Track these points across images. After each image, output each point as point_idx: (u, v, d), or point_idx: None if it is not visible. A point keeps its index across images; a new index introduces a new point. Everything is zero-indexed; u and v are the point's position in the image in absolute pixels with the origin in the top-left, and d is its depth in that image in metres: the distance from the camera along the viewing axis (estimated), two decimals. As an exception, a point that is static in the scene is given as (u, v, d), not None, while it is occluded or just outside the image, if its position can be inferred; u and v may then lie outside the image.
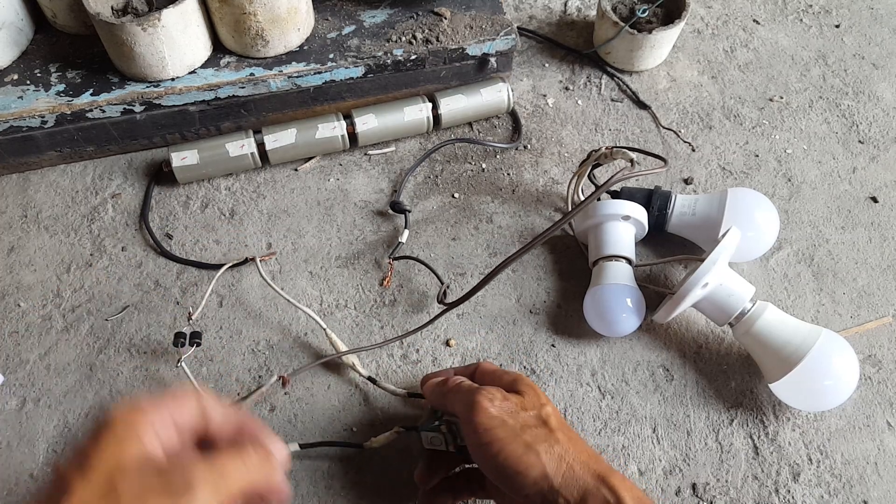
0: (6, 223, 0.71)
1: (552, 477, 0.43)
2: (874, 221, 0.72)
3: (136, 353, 0.63)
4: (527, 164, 0.76)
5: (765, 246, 0.66)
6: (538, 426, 0.46)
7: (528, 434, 0.45)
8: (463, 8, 0.77)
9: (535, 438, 0.45)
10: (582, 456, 0.45)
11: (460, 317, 0.66)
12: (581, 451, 0.45)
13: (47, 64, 0.72)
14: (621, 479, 0.44)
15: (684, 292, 0.57)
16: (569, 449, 0.45)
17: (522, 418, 0.46)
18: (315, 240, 0.70)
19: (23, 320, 0.65)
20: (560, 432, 0.46)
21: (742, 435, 0.59)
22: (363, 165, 0.76)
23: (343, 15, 0.77)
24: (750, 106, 0.82)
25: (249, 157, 0.72)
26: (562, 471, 0.44)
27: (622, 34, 0.79)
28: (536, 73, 0.84)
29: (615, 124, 0.80)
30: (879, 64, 0.86)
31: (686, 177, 0.75)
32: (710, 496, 0.57)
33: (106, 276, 0.68)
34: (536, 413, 0.47)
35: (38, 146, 0.71)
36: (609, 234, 0.64)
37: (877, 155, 0.77)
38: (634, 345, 0.64)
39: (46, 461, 0.58)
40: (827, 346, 0.56)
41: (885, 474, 0.58)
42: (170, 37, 0.66)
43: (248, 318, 0.65)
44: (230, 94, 0.71)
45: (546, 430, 0.46)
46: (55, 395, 0.61)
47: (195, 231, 0.71)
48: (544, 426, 0.46)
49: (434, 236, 0.71)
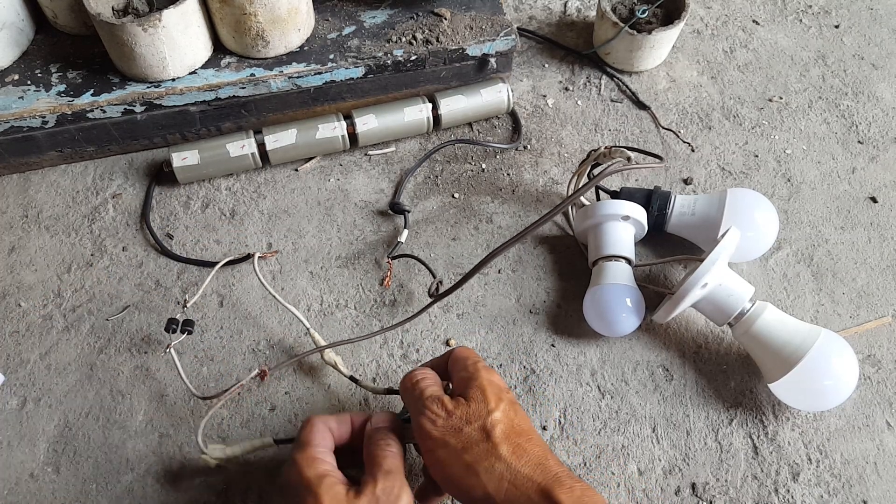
0: (7, 223, 0.71)
1: (494, 496, 0.43)
2: (873, 221, 0.72)
3: (137, 352, 0.63)
4: (527, 165, 0.76)
5: (764, 246, 0.66)
6: (481, 441, 0.45)
7: (470, 454, 0.45)
8: (463, 8, 0.77)
9: (476, 457, 0.44)
10: (526, 469, 0.44)
11: (460, 317, 0.66)
12: (527, 462, 0.44)
13: (48, 64, 0.72)
14: (569, 488, 0.43)
15: (684, 292, 0.57)
16: (511, 464, 0.44)
17: (466, 435, 0.45)
18: (315, 240, 0.71)
19: (23, 320, 0.65)
20: (504, 445, 0.45)
21: (741, 434, 0.59)
22: (363, 166, 0.76)
23: (343, 15, 0.77)
24: (749, 106, 0.82)
25: (250, 158, 0.72)
26: (503, 489, 0.43)
27: (622, 35, 0.79)
28: (536, 74, 0.85)
29: (615, 125, 0.80)
30: (879, 64, 0.86)
31: (685, 177, 0.75)
32: (709, 496, 0.57)
33: (107, 276, 0.68)
34: (481, 424, 0.46)
35: (38, 146, 0.71)
36: (609, 235, 0.64)
37: (876, 155, 0.77)
38: (634, 345, 0.64)
39: (47, 461, 0.58)
40: (826, 346, 0.56)
41: (885, 474, 0.58)
42: (170, 37, 0.66)
43: (248, 318, 0.65)
44: (231, 94, 0.71)
45: (488, 446, 0.45)
46: (56, 395, 0.61)
47: (196, 231, 0.71)
48: (487, 440, 0.45)
49: (434, 236, 0.71)
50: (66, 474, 0.57)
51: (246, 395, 0.61)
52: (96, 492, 0.56)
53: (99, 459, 0.58)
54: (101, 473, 0.57)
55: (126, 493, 0.56)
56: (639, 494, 0.57)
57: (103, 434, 0.59)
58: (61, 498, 0.56)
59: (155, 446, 0.58)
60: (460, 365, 0.51)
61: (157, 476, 0.57)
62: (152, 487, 0.57)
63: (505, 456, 0.44)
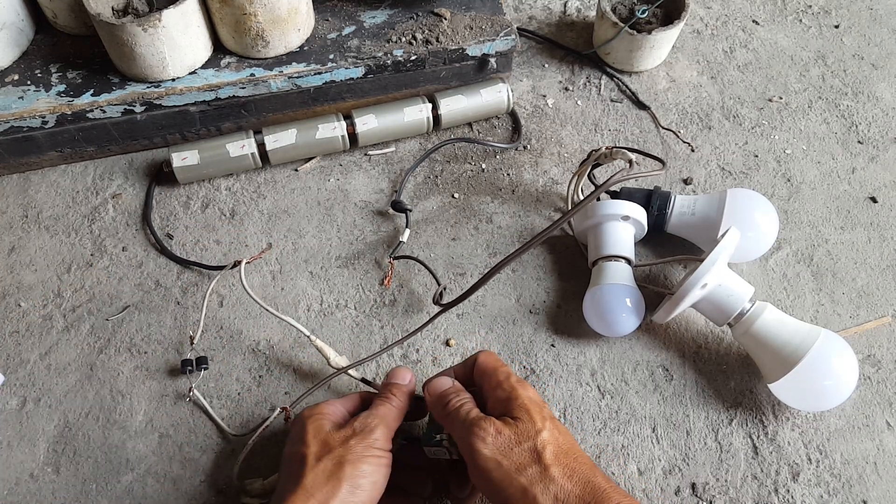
0: (7, 223, 0.71)
1: None
2: (873, 222, 0.72)
3: (137, 352, 0.63)
4: (526, 165, 0.76)
5: (764, 246, 0.66)
6: (533, 463, 0.46)
7: (524, 476, 0.45)
8: (463, 8, 0.77)
9: (531, 481, 0.45)
10: (577, 489, 0.45)
11: (460, 317, 0.66)
12: (577, 482, 0.45)
13: (48, 64, 0.72)
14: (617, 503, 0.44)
15: (683, 292, 0.57)
16: (564, 486, 0.45)
17: (517, 456, 0.46)
18: (315, 240, 0.71)
19: (23, 320, 0.65)
20: (555, 467, 0.46)
21: (741, 435, 0.59)
22: (363, 166, 0.76)
23: (343, 15, 0.77)
24: (749, 106, 0.82)
25: (250, 158, 0.72)
26: None
27: (622, 35, 0.79)
28: (536, 74, 0.85)
29: (615, 125, 0.80)
30: (879, 64, 0.86)
31: (685, 177, 0.75)
32: (709, 496, 0.57)
33: (106, 276, 0.68)
34: (531, 445, 0.46)
35: (38, 146, 0.71)
36: (608, 235, 0.64)
37: (876, 155, 0.77)
38: (634, 345, 0.64)
39: (47, 461, 0.58)
40: (826, 347, 0.56)
41: (885, 474, 0.58)
42: (170, 37, 0.66)
43: (248, 318, 0.65)
44: (230, 94, 0.71)
45: (540, 469, 0.45)
46: (56, 395, 0.61)
47: (196, 231, 0.71)
48: (538, 462, 0.46)
49: (434, 236, 0.71)
50: (66, 474, 0.57)
51: (246, 395, 0.61)
52: (96, 492, 0.56)
53: (99, 459, 0.58)
54: (101, 473, 0.57)
55: (126, 493, 0.56)
56: (639, 494, 0.57)
57: (103, 434, 0.59)
58: (61, 498, 0.56)
59: (155, 446, 0.58)
60: (493, 380, 0.51)
61: (157, 476, 0.57)
62: (152, 487, 0.57)
63: (557, 478, 0.45)
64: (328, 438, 0.48)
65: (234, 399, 0.61)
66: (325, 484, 0.45)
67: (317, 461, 0.47)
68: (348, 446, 0.47)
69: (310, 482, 0.46)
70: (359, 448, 0.47)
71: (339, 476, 0.46)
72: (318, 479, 0.46)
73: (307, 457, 0.47)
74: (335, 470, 0.46)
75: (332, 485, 0.45)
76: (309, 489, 0.45)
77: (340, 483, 0.46)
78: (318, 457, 0.47)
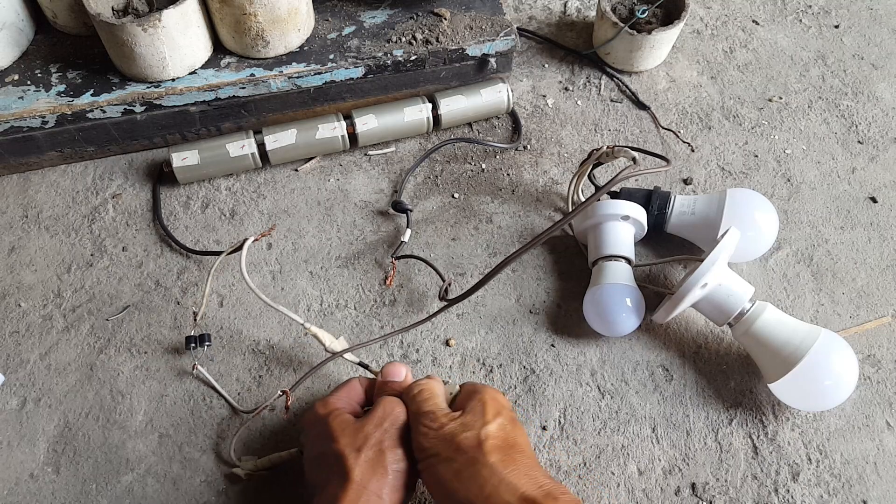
0: (7, 223, 0.71)
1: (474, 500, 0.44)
2: (873, 221, 0.72)
3: (137, 352, 0.63)
4: (526, 165, 0.76)
5: (764, 246, 0.66)
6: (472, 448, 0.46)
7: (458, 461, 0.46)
8: (463, 8, 0.77)
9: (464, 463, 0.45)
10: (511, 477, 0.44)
11: (460, 317, 0.66)
12: (514, 471, 0.45)
13: (48, 64, 0.72)
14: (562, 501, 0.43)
15: (683, 292, 0.57)
16: (498, 471, 0.45)
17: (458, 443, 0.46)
18: (315, 240, 0.71)
19: (23, 320, 0.65)
20: (494, 454, 0.45)
21: (741, 435, 0.59)
22: (363, 166, 0.76)
23: (343, 15, 0.77)
24: (749, 106, 0.82)
25: (250, 158, 0.72)
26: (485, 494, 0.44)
27: (622, 35, 0.79)
28: (536, 74, 0.85)
29: (615, 125, 0.80)
30: (879, 64, 0.86)
31: (685, 177, 0.75)
32: (709, 496, 0.57)
33: (106, 276, 0.68)
34: (475, 434, 0.47)
35: (38, 146, 0.71)
36: (608, 234, 0.64)
37: (876, 155, 0.77)
38: (634, 345, 0.64)
39: (47, 461, 0.58)
40: (826, 346, 0.56)
41: (885, 474, 0.58)
42: (170, 37, 0.66)
43: (248, 318, 0.65)
44: (230, 94, 0.71)
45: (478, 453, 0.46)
46: (56, 395, 0.61)
47: (196, 231, 0.71)
48: (478, 448, 0.46)
49: (434, 236, 0.71)
50: (66, 474, 0.57)
51: (246, 395, 0.61)
52: (96, 492, 0.56)
53: (99, 459, 0.58)
54: (101, 473, 0.57)
55: (126, 493, 0.56)
56: (639, 494, 0.57)
57: (103, 434, 0.59)
58: (61, 498, 0.56)
59: (155, 446, 0.58)
60: (471, 385, 0.53)
61: (157, 476, 0.57)
62: (152, 487, 0.57)
63: (493, 463, 0.45)
64: (359, 429, 0.48)
65: (234, 399, 0.61)
66: (374, 473, 0.46)
67: (357, 452, 0.47)
68: (383, 429, 0.48)
69: (359, 475, 0.46)
70: (393, 431, 0.49)
71: (383, 464, 0.47)
72: (366, 470, 0.46)
73: (344, 450, 0.47)
74: (378, 458, 0.47)
75: (380, 473, 0.46)
76: (360, 482, 0.45)
77: (386, 470, 0.47)
78: (358, 448, 0.47)
